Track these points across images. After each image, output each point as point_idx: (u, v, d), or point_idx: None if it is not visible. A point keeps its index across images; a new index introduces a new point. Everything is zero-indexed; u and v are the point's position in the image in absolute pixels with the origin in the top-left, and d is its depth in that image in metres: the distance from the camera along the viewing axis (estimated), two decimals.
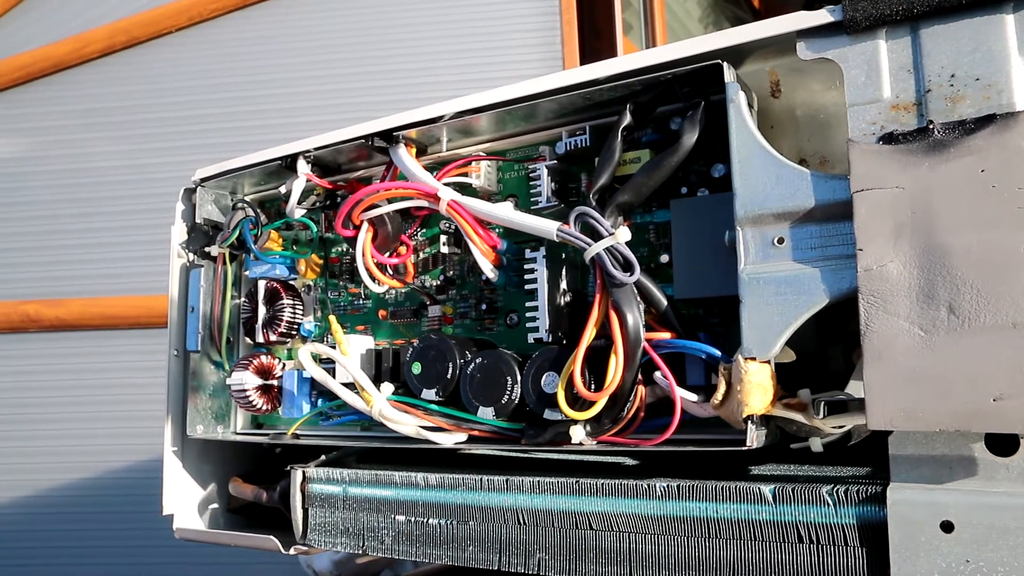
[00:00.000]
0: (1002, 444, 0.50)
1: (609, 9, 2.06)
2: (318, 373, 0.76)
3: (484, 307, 0.74)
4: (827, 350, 0.71)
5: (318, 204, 0.85)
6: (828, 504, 0.54)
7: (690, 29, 2.89)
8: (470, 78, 2.09)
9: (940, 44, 0.52)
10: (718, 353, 0.57)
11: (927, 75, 0.52)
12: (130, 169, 2.33)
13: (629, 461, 0.75)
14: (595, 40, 2.08)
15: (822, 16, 0.56)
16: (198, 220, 0.90)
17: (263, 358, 0.84)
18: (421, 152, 0.77)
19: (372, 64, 2.23)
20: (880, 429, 0.51)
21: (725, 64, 0.58)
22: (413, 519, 0.71)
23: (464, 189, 0.74)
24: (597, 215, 0.61)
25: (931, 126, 0.51)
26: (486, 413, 0.67)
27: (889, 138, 0.52)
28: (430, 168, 0.75)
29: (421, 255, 0.78)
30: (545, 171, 0.69)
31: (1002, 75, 0.50)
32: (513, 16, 2.18)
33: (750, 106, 0.60)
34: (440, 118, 0.72)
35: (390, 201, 0.73)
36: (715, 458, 0.67)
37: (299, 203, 0.83)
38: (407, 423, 0.70)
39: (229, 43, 2.32)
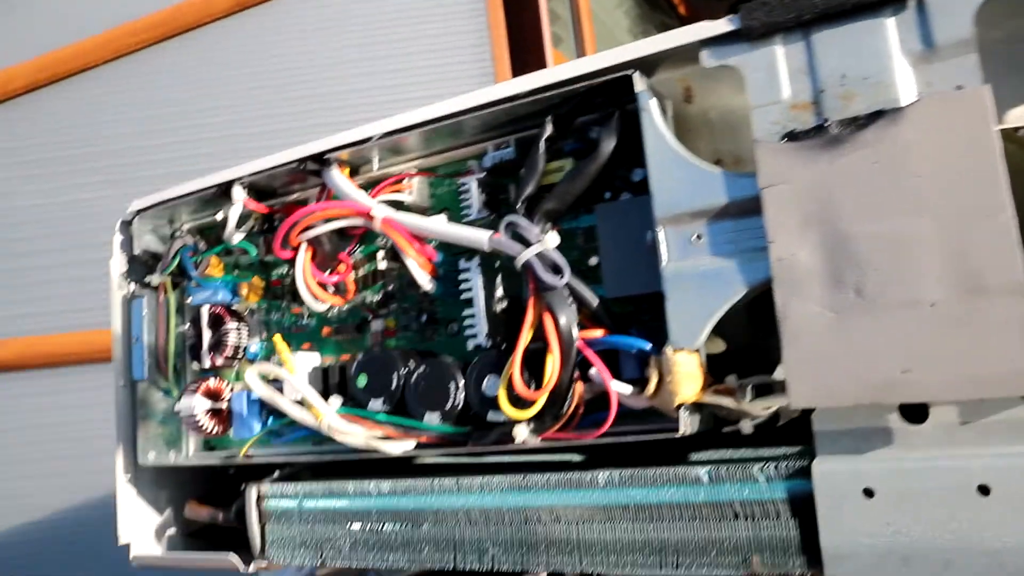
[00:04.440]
0: (914, 413, 0.54)
1: (537, 24, 2.10)
2: (266, 392, 0.77)
3: (424, 318, 0.76)
4: (764, 341, 0.74)
5: (256, 228, 0.86)
6: (760, 481, 0.57)
7: (619, 39, 2.94)
8: (405, 98, 2.11)
9: (830, 48, 0.56)
10: (648, 346, 0.60)
11: (821, 76, 0.56)
12: (61, 206, 2.30)
13: (575, 458, 0.78)
14: (526, 54, 2.12)
15: (722, 26, 0.59)
16: (136, 251, 0.91)
17: (211, 382, 0.85)
18: (354, 172, 0.79)
19: (304, 88, 2.24)
20: (802, 407, 0.54)
21: (636, 74, 0.62)
22: (368, 526, 0.73)
23: (398, 206, 0.76)
24: (526, 223, 0.64)
25: (827, 123, 0.55)
26: (432, 419, 0.69)
27: (791, 136, 0.56)
28: (364, 187, 0.77)
29: (360, 272, 0.80)
30: (474, 184, 0.72)
31: (887, 73, 0.54)
32: (445, 34, 2.20)
33: (664, 112, 0.63)
34: (369, 139, 0.74)
35: (326, 221, 0.75)
36: (656, 447, 0.70)
37: (237, 228, 0.84)
38: (357, 434, 0.72)
39: (153, 75, 2.31)
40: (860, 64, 0.54)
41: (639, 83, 0.61)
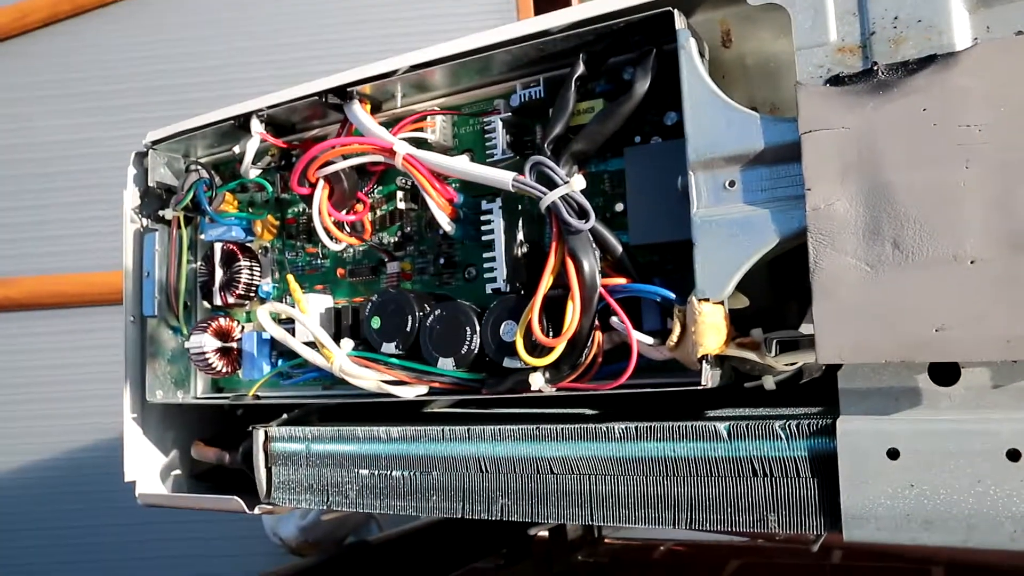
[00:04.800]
0: (944, 374, 0.52)
1: None
2: (278, 332, 0.76)
3: (442, 261, 0.75)
4: (783, 305, 0.72)
5: (273, 164, 0.85)
6: (781, 438, 0.56)
7: None
8: (422, 39, 2.09)
9: None
10: (673, 296, 0.58)
11: (871, 18, 0.53)
12: (76, 143, 2.29)
13: (588, 411, 0.77)
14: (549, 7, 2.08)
15: None
16: (151, 184, 0.89)
17: (221, 321, 0.83)
18: (376, 108, 0.77)
19: (323, 23, 2.21)
20: (830, 363, 0.52)
21: (676, 11, 0.59)
22: (376, 472, 0.71)
23: (420, 144, 0.74)
24: (552, 164, 0.62)
25: (875, 67, 0.52)
26: (446, 364, 0.67)
27: (835, 80, 0.53)
28: (385, 124, 0.75)
29: (378, 212, 0.79)
30: (500, 124, 0.69)
31: (942, 17, 0.51)
32: None
33: (701, 55, 0.61)
34: (394, 72, 0.72)
35: (345, 157, 0.73)
36: (671, 403, 0.69)
37: (253, 163, 0.82)
38: (368, 378, 0.70)
39: (176, 9, 2.28)
40: (914, 6, 0.52)
41: (679, 20, 0.59)
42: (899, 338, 0.50)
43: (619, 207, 0.66)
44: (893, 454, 0.51)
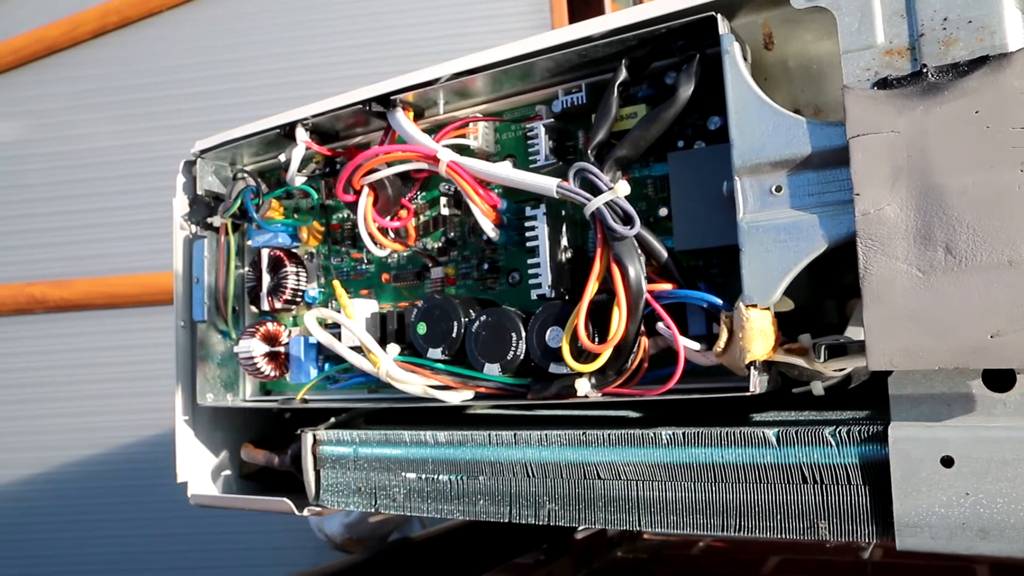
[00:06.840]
0: (999, 380, 0.51)
1: None
2: (324, 337, 0.77)
3: (486, 267, 0.75)
4: (821, 304, 0.72)
5: (318, 172, 0.86)
6: (831, 444, 0.55)
7: None
8: (457, 47, 2.09)
9: None
10: (719, 301, 0.58)
11: (920, 19, 0.52)
12: (127, 148, 2.34)
13: (632, 414, 0.77)
14: (584, 7, 2.08)
15: None
16: (199, 192, 0.91)
17: (269, 325, 0.85)
18: (418, 116, 0.78)
19: (360, 34, 2.24)
20: (880, 369, 0.52)
21: (719, 16, 0.59)
22: (424, 476, 0.72)
23: (462, 151, 0.74)
24: (596, 170, 0.62)
25: (925, 70, 0.51)
26: (492, 369, 0.68)
27: (883, 83, 0.53)
28: (428, 131, 0.75)
29: (422, 218, 0.79)
30: (543, 130, 0.69)
31: (994, 16, 0.50)
32: None
33: (744, 58, 0.60)
34: (437, 80, 0.72)
35: (390, 165, 0.74)
36: (717, 408, 0.68)
37: (299, 171, 0.83)
38: (414, 383, 0.71)
39: (219, 19, 2.32)
40: (965, 6, 0.51)
41: (723, 25, 0.58)
42: (953, 344, 0.49)
43: (663, 212, 0.65)
44: (947, 461, 0.51)
